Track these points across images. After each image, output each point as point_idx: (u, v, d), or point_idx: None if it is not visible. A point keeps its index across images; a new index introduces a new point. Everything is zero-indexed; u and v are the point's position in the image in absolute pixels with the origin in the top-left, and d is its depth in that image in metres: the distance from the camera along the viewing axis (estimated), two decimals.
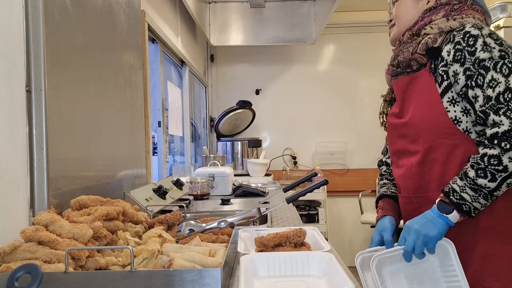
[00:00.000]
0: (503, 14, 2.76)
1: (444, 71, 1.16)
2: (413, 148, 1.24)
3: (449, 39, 1.16)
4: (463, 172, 1.09)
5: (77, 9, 1.38)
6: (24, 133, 1.14)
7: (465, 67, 1.11)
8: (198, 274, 0.82)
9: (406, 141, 1.27)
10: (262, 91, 4.83)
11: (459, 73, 1.12)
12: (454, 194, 1.08)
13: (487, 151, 1.05)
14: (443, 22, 1.20)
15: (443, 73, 1.17)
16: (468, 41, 1.12)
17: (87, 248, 0.92)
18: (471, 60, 1.10)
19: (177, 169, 2.83)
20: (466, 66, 1.11)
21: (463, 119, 1.15)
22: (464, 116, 1.15)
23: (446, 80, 1.16)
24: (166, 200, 1.86)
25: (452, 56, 1.14)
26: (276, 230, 1.22)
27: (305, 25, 4.20)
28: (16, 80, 1.12)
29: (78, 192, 1.24)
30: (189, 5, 3.15)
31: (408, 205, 1.30)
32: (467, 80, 1.11)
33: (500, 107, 1.04)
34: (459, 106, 1.15)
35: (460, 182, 1.08)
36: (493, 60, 1.07)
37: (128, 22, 1.86)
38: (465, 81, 1.11)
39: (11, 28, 1.11)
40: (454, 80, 1.14)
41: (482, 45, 1.10)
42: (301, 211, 4.26)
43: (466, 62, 1.11)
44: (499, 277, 1.11)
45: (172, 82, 3.23)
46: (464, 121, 1.15)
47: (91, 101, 1.49)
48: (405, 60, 1.25)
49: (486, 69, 1.08)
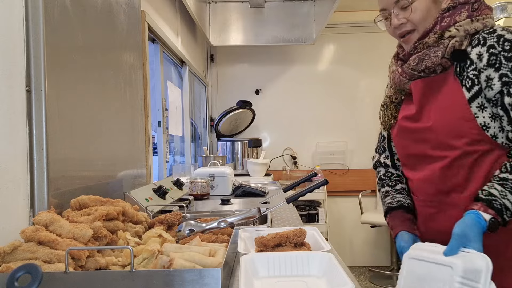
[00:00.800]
0: (503, 14, 2.77)
1: (474, 75, 1.12)
2: (436, 154, 1.20)
3: (478, 42, 1.12)
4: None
5: (77, 9, 1.38)
6: (24, 133, 1.14)
7: (500, 72, 1.08)
8: (198, 274, 0.82)
9: (426, 146, 1.22)
10: (262, 91, 4.83)
11: (493, 78, 1.09)
12: (507, 213, 1.03)
13: None
14: (468, 23, 1.16)
15: (474, 77, 1.13)
16: (504, 45, 1.08)
17: (87, 248, 0.92)
18: (507, 66, 1.07)
19: (177, 169, 2.83)
20: (502, 72, 1.08)
21: (491, 124, 1.12)
22: (492, 122, 1.12)
23: (477, 85, 1.12)
24: (166, 200, 1.86)
25: (486, 60, 1.10)
26: (276, 230, 1.22)
27: (305, 25, 4.20)
28: (16, 80, 1.12)
29: (78, 192, 1.24)
30: (189, 5, 3.15)
31: (426, 208, 1.27)
32: (503, 87, 1.08)
33: None
34: (487, 111, 1.12)
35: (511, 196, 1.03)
36: None
37: (128, 22, 1.86)
38: (500, 87, 1.08)
39: (11, 28, 1.11)
40: (486, 85, 1.11)
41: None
42: (301, 211, 4.26)
43: (502, 68, 1.08)
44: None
45: (172, 82, 3.23)
46: (492, 127, 1.12)
47: (91, 101, 1.49)
48: (433, 66, 1.18)
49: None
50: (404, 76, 1.27)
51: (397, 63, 1.31)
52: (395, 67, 1.32)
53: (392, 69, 1.33)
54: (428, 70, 1.20)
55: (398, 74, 1.28)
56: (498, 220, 1.02)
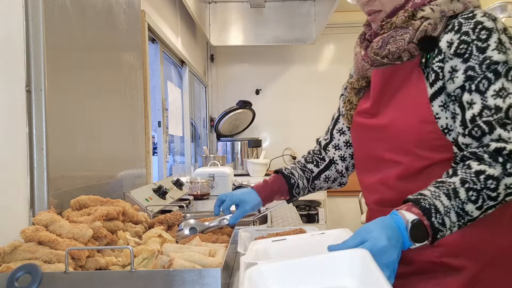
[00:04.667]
0: (503, 14, 2.77)
1: (439, 67, 0.95)
2: (390, 157, 1.03)
3: (453, 27, 0.94)
4: (452, 188, 0.83)
5: (77, 9, 1.38)
6: (24, 133, 1.14)
7: (468, 64, 0.90)
8: (198, 274, 0.82)
9: (381, 146, 1.05)
10: (262, 91, 4.83)
11: (459, 70, 0.92)
12: (437, 216, 0.81)
13: (485, 169, 0.83)
14: (446, 3, 0.96)
15: (438, 69, 0.95)
16: (479, 34, 0.90)
17: (87, 248, 0.92)
18: (478, 58, 0.89)
19: (177, 169, 2.83)
20: (469, 64, 0.90)
21: (453, 127, 0.95)
22: (454, 124, 0.95)
23: (440, 80, 0.95)
24: (166, 200, 1.86)
25: (455, 48, 0.92)
26: (276, 230, 1.22)
27: (305, 25, 4.20)
28: (16, 80, 1.12)
29: (78, 192, 1.24)
30: (189, 5, 3.15)
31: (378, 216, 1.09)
32: (466, 81, 0.90)
33: (507, 123, 0.85)
34: (449, 111, 0.95)
35: (446, 202, 0.82)
36: (507, 65, 0.88)
37: (128, 22, 1.86)
38: (463, 81, 0.91)
39: (11, 28, 1.11)
40: (449, 77, 0.93)
41: (496, 43, 0.89)
42: (301, 211, 4.26)
43: (471, 59, 0.90)
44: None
45: (172, 82, 3.23)
46: (455, 130, 0.95)
47: (91, 101, 1.49)
48: (398, 51, 0.98)
49: (497, 75, 0.88)
50: (366, 61, 1.07)
51: (362, 45, 1.13)
52: (359, 49, 1.12)
53: (356, 50, 1.13)
54: (391, 56, 1.00)
55: (361, 57, 1.09)
56: (424, 223, 0.80)
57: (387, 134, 1.03)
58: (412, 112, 0.98)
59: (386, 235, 0.76)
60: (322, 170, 1.33)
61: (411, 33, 0.97)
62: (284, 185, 1.29)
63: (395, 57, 1.00)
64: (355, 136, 1.19)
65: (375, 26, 1.07)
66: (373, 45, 1.04)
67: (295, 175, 1.30)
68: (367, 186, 1.14)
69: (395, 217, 0.81)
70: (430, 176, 0.93)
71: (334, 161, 1.33)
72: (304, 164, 1.34)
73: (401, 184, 1.02)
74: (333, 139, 1.33)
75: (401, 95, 1.01)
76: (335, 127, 1.34)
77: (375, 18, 1.06)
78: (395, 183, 1.03)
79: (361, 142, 1.15)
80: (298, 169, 1.32)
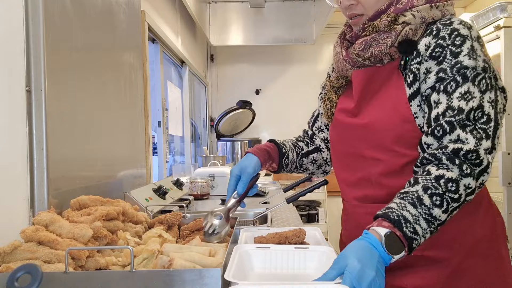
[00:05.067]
0: (503, 14, 2.76)
1: (417, 68, 1.00)
2: (371, 155, 1.07)
3: (431, 32, 0.99)
4: (416, 196, 0.86)
5: (77, 9, 1.38)
6: (24, 133, 1.14)
7: (440, 67, 0.96)
8: (198, 274, 0.82)
9: (363, 144, 1.09)
10: (262, 91, 4.83)
11: (432, 71, 0.97)
12: (408, 226, 0.83)
13: (444, 173, 0.87)
14: (426, 10, 1.01)
15: (416, 70, 1.00)
16: (454, 40, 0.96)
17: (87, 248, 0.92)
18: (450, 62, 0.95)
19: (177, 169, 2.83)
20: (442, 66, 0.96)
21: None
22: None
23: (418, 81, 1.00)
24: (166, 200, 1.86)
25: (431, 51, 0.98)
26: (276, 230, 1.22)
27: (305, 25, 4.20)
28: (16, 80, 1.12)
29: (78, 192, 1.24)
30: (189, 5, 3.15)
31: (358, 214, 1.12)
32: (437, 82, 0.96)
33: (467, 124, 0.91)
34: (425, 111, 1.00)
35: (413, 210, 0.84)
36: (475, 71, 0.93)
37: (128, 22, 1.86)
38: (434, 82, 0.96)
39: (11, 28, 1.11)
40: (423, 78, 0.99)
41: (469, 50, 0.94)
42: (301, 211, 4.26)
43: (444, 62, 0.96)
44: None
45: (172, 82, 3.23)
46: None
47: (91, 101, 1.49)
48: (380, 54, 1.02)
49: (465, 79, 0.93)
50: (348, 61, 1.10)
51: (343, 45, 1.15)
52: (339, 49, 1.15)
53: (337, 50, 1.16)
54: (374, 58, 1.04)
55: (342, 58, 1.12)
56: (396, 233, 0.82)
57: (368, 133, 1.07)
58: (392, 112, 1.02)
59: (357, 258, 0.77)
60: (311, 151, 1.36)
61: (393, 37, 1.01)
62: (276, 152, 1.30)
63: (377, 59, 1.04)
64: (336, 133, 1.20)
65: (356, 28, 1.10)
66: (355, 47, 1.07)
67: (286, 146, 1.32)
68: (349, 182, 1.16)
69: (366, 237, 0.83)
70: (411, 172, 0.97)
71: (320, 149, 1.37)
72: (295, 141, 1.37)
73: (384, 181, 1.06)
74: (315, 133, 1.39)
75: (381, 95, 1.05)
76: (314, 124, 1.39)
77: (357, 21, 1.09)
78: (377, 179, 1.07)
79: (341, 140, 1.17)
80: (290, 143, 1.35)
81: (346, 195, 1.19)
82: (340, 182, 1.21)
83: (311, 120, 1.42)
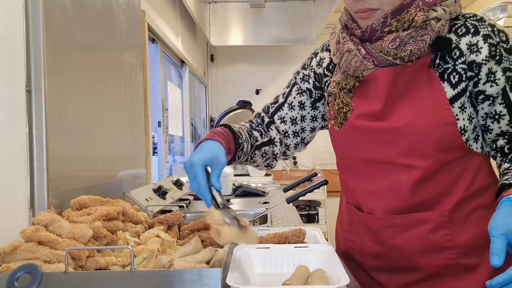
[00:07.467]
0: (503, 14, 2.77)
1: (464, 69, 0.95)
2: (404, 162, 0.99)
3: (467, 30, 0.95)
4: None
5: (77, 9, 1.38)
6: (24, 133, 1.14)
7: (503, 66, 0.94)
8: (198, 274, 0.82)
9: (392, 150, 1.00)
10: (262, 91, 4.83)
11: (496, 72, 0.94)
12: None
13: None
14: (452, 4, 0.96)
15: (462, 71, 0.95)
16: (500, 36, 0.94)
17: (87, 248, 0.92)
18: (509, 59, 0.94)
19: (177, 169, 2.83)
20: (504, 65, 0.94)
21: (468, 128, 0.97)
22: (470, 125, 0.97)
23: (464, 81, 0.95)
24: (166, 200, 1.86)
25: (487, 51, 0.93)
26: (276, 230, 1.22)
27: (305, 25, 4.20)
28: (16, 80, 1.12)
29: (78, 192, 1.23)
30: (189, 5, 3.15)
31: (387, 228, 1.03)
32: (507, 82, 0.94)
33: None
34: (467, 112, 0.97)
35: None
36: None
37: (128, 22, 1.86)
38: (504, 82, 0.94)
39: (11, 28, 1.11)
40: (487, 80, 0.95)
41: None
42: (301, 211, 4.26)
43: (504, 61, 0.94)
44: None
45: (172, 82, 3.23)
46: (469, 130, 0.97)
47: (91, 101, 1.49)
48: (419, 52, 0.95)
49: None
50: (371, 60, 0.99)
51: (354, 41, 1.03)
52: (353, 46, 1.02)
53: (348, 47, 1.03)
54: (408, 57, 0.96)
55: (361, 56, 1.00)
56: None
57: (400, 138, 0.98)
58: (431, 114, 0.95)
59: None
60: (265, 143, 1.22)
61: (431, 34, 0.94)
62: (232, 142, 1.12)
63: (410, 59, 0.96)
64: (350, 139, 1.09)
65: (364, 23, 1.00)
66: (385, 44, 0.96)
67: (242, 136, 1.15)
68: (368, 192, 1.06)
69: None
70: (444, 178, 0.97)
71: (273, 141, 1.25)
72: (250, 129, 1.22)
73: (418, 189, 0.99)
74: (275, 122, 1.25)
75: (413, 96, 0.98)
76: (277, 112, 1.25)
77: (368, 15, 0.98)
78: (410, 188, 0.99)
79: (359, 146, 1.06)
80: (246, 132, 1.18)
81: (365, 206, 1.08)
82: (354, 192, 1.11)
83: (273, 106, 1.26)
